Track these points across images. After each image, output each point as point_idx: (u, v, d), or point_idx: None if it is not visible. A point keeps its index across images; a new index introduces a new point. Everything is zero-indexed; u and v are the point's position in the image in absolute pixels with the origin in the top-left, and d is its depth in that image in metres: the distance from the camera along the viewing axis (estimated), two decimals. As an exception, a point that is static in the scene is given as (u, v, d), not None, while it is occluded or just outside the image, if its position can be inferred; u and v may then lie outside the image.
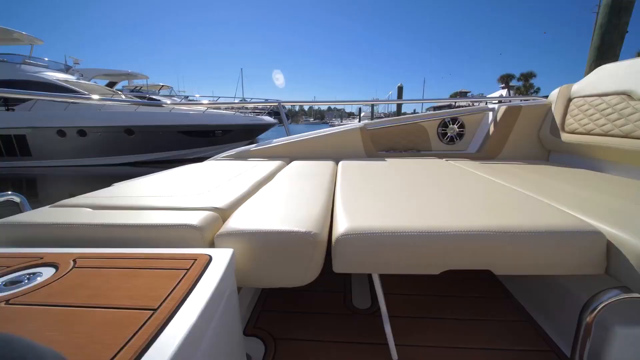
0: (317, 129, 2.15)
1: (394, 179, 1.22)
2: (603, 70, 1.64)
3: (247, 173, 1.40)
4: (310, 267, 0.72)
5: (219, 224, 0.84)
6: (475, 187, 1.07)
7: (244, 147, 2.06)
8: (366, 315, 1.06)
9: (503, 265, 0.71)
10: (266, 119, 10.86)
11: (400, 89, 25.71)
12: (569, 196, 0.98)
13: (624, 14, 3.77)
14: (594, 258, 0.70)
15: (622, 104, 1.41)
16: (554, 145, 1.83)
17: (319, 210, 0.84)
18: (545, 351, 0.88)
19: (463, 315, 1.04)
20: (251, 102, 7.45)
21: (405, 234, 0.71)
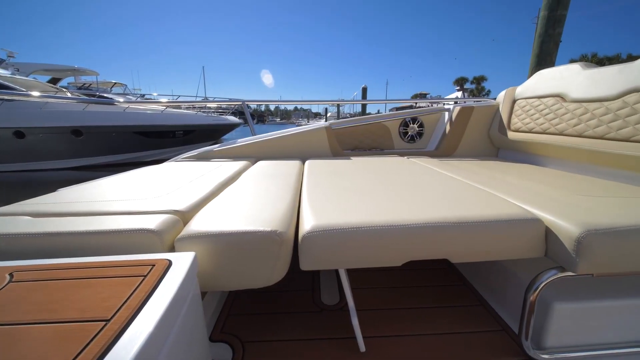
0: (284, 130, 2.14)
1: (359, 176, 1.25)
2: (541, 75, 1.82)
3: (210, 174, 1.35)
4: (277, 267, 0.72)
5: (180, 227, 0.80)
6: (434, 183, 1.13)
7: (207, 148, 1.99)
8: (335, 310, 1.08)
9: (459, 253, 0.76)
10: (230, 118, 10.53)
11: (364, 90, 26.40)
12: (514, 188, 1.07)
13: (557, 25, 4.22)
14: (535, 243, 0.78)
15: (557, 104, 1.58)
16: (501, 143, 2.00)
17: (285, 209, 0.84)
18: (498, 330, 0.96)
19: (425, 304, 1.10)
20: (214, 101, 7.14)
21: (368, 228, 0.73)
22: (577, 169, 1.49)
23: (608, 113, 1.29)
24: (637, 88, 1.21)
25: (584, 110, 1.41)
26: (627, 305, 0.85)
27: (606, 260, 0.71)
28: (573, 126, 1.44)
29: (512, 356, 0.85)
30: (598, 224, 0.71)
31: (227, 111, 10.88)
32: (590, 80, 1.45)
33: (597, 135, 1.31)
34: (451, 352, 0.88)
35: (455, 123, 2.09)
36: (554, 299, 0.84)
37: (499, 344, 0.90)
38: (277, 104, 3.68)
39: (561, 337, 0.86)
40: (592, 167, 1.41)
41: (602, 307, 0.84)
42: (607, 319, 0.85)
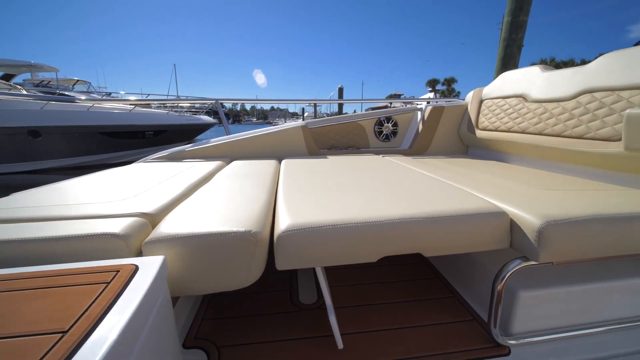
0: (260, 129, 2.11)
1: (335, 175, 1.26)
2: (505, 77, 1.92)
3: (182, 175, 1.31)
4: (253, 268, 0.70)
5: (148, 230, 0.77)
6: (407, 180, 1.16)
7: (179, 148, 1.92)
8: (313, 309, 1.07)
9: (431, 247, 0.79)
10: (204, 118, 10.22)
11: (340, 90, 26.64)
12: (481, 184, 1.13)
13: (520, 30, 4.49)
14: (501, 235, 0.82)
15: (520, 104, 1.67)
16: (470, 141, 2.09)
17: (260, 209, 0.83)
18: (469, 320, 1.00)
19: (400, 298, 1.13)
20: (186, 99, 6.85)
21: (344, 226, 0.73)
22: (539, 165, 1.58)
23: (564, 112, 1.38)
24: (589, 89, 1.31)
25: (543, 109, 1.50)
26: (584, 290, 0.91)
27: (564, 249, 0.76)
28: (534, 125, 1.53)
29: (482, 344, 0.89)
30: (556, 216, 0.75)
31: (200, 111, 10.55)
32: (548, 82, 1.55)
33: (555, 133, 1.41)
34: (425, 343, 0.90)
35: (427, 122, 2.16)
36: (519, 288, 0.89)
37: (470, 332, 0.94)
38: (252, 103, 3.57)
39: (526, 323, 0.91)
40: (552, 163, 1.51)
41: (562, 292, 0.90)
42: (566, 303, 0.92)
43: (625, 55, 1.24)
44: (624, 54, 1.25)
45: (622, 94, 1.17)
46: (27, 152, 7.10)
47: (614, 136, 1.15)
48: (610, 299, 0.94)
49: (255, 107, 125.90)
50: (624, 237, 0.78)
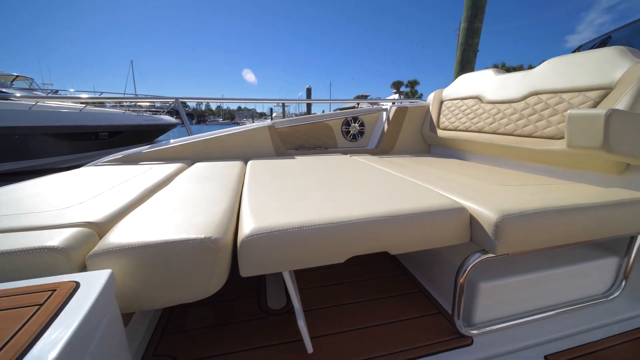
0: (225, 129, 2.03)
1: (302, 175, 1.24)
2: (463, 79, 2.03)
3: (137, 179, 1.21)
4: (214, 276, 0.66)
5: (94, 241, 0.69)
6: (374, 179, 1.17)
7: (134, 149, 1.78)
8: (282, 314, 1.05)
9: (397, 245, 0.80)
10: (166, 118, 9.67)
11: (308, 90, 26.69)
12: (443, 181, 1.17)
13: (475, 36, 4.80)
14: (462, 230, 0.85)
15: (476, 105, 1.77)
16: (432, 140, 2.18)
17: (222, 213, 0.78)
18: (434, 314, 1.03)
19: (369, 296, 1.13)
20: (145, 98, 6.39)
21: (311, 227, 0.71)
22: (494, 162, 1.69)
23: (515, 113, 1.48)
24: (536, 91, 1.41)
25: (497, 110, 1.60)
26: (537, 277, 0.98)
27: (518, 241, 0.81)
28: (489, 124, 1.62)
29: (447, 336, 0.92)
30: (511, 210, 0.80)
31: (161, 110, 9.98)
32: (501, 85, 1.65)
33: (507, 132, 1.50)
34: (393, 339, 0.92)
35: (392, 122, 2.21)
36: (479, 280, 0.93)
37: (436, 326, 0.97)
38: (217, 102, 3.37)
39: (487, 312, 0.95)
40: (505, 160, 1.61)
41: (518, 281, 0.96)
42: (522, 291, 0.98)
43: (565, 60, 1.36)
44: (563, 60, 1.37)
45: (563, 96, 1.28)
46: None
47: (557, 135, 1.26)
48: (559, 284, 1.02)
49: (222, 106, 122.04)
50: (569, 227, 0.85)
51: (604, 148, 0.94)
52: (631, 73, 1.07)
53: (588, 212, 0.86)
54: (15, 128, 6.46)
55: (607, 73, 1.16)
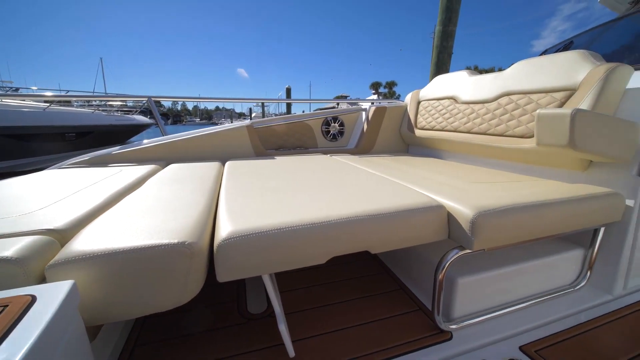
0: (202, 129, 1.96)
1: (282, 176, 1.22)
2: (438, 80, 2.08)
3: (105, 181, 1.14)
4: (190, 283, 0.63)
5: (56, 250, 0.64)
6: (354, 178, 1.17)
7: (103, 151, 1.68)
8: (263, 318, 1.02)
9: (377, 244, 0.80)
10: (138, 118, 9.27)
11: (288, 90, 26.57)
12: (421, 179, 1.19)
13: (450, 39, 4.95)
14: (440, 227, 0.87)
15: (451, 105, 1.82)
16: (410, 139, 2.22)
17: (198, 216, 0.75)
18: (415, 311, 1.05)
19: (351, 296, 1.13)
20: (115, 97, 6.07)
21: (291, 229, 0.70)
22: (469, 160, 1.74)
23: (488, 113, 1.54)
24: (507, 92, 1.47)
25: (471, 110, 1.65)
26: (511, 271, 1.02)
27: (493, 236, 0.83)
28: (464, 124, 1.67)
29: (428, 331, 0.94)
30: (486, 207, 0.82)
31: (133, 110, 9.55)
32: (474, 86, 1.71)
33: (481, 131, 1.56)
34: (376, 337, 0.92)
35: (371, 122, 2.23)
36: (457, 275, 0.95)
37: (416, 322, 0.98)
38: (192, 101, 3.16)
39: (465, 307, 0.98)
40: (480, 159, 1.67)
41: (494, 275, 0.99)
42: (497, 285, 1.01)
43: (533, 63, 1.43)
44: (531, 63, 1.44)
45: (532, 97, 1.34)
46: None
47: (527, 133, 1.31)
48: (531, 276, 1.06)
49: (198, 106, 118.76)
50: (539, 221, 0.89)
51: (569, 146, 0.99)
52: (592, 75, 1.14)
53: (556, 207, 0.90)
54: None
55: (571, 75, 1.22)
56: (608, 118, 1.02)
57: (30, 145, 6.79)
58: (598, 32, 2.31)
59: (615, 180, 1.11)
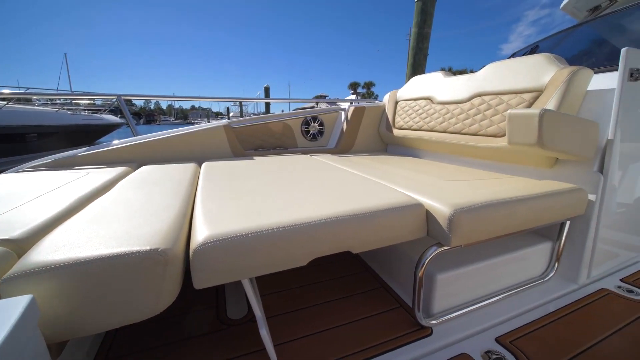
0: (176, 129, 1.89)
1: (261, 177, 1.19)
2: (415, 80, 2.13)
3: (70, 186, 1.07)
4: (164, 291, 0.60)
5: (12, 262, 0.59)
6: (334, 178, 1.17)
7: (68, 152, 1.58)
8: (244, 323, 0.99)
9: (359, 244, 0.80)
10: (108, 117, 8.80)
11: (267, 89, 26.29)
12: (400, 178, 1.21)
13: (425, 40, 5.09)
14: (419, 225, 0.88)
15: (428, 106, 1.86)
16: (388, 139, 2.25)
17: (172, 221, 0.71)
18: (396, 308, 1.06)
19: (333, 296, 1.13)
20: (82, 95, 5.70)
21: (270, 231, 0.68)
22: (445, 159, 1.80)
23: (462, 113, 1.59)
24: (479, 93, 1.53)
25: (446, 110, 1.70)
26: (486, 265, 1.05)
27: (470, 233, 0.86)
28: (440, 124, 1.72)
29: (409, 328, 0.95)
30: (462, 204, 0.84)
31: (102, 109, 9.06)
32: (449, 86, 1.76)
33: (456, 131, 1.61)
34: (359, 337, 0.92)
35: (350, 122, 2.25)
36: (436, 272, 0.97)
37: (398, 319, 1.00)
38: (166, 100, 2.97)
39: (444, 302, 1.00)
40: (455, 157, 1.72)
41: (470, 270, 1.02)
42: (474, 279, 1.04)
43: (503, 65, 1.49)
44: (501, 65, 1.50)
45: (503, 97, 1.40)
46: None
47: (499, 133, 1.37)
48: (504, 270, 1.11)
49: (173, 105, 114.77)
50: (512, 217, 0.92)
51: (538, 144, 1.04)
52: (557, 78, 1.21)
53: (527, 203, 0.94)
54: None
55: (538, 77, 1.29)
56: (572, 118, 1.08)
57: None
58: (560, 37, 2.45)
59: (579, 176, 1.19)
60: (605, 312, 1.03)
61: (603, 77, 1.27)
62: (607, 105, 1.15)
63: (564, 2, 2.99)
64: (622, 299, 1.11)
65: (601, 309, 1.05)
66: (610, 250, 1.27)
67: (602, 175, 1.14)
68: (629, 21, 2.00)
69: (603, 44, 2.09)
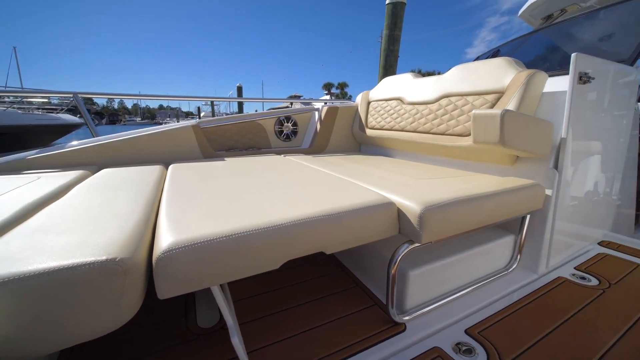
0: (141, 129, 1.78)
1: (232, 178, 1.16)
2: (386, 81, 2.17)
3: (17, 192, 0.97)
4: (124, 304, 0.55)
5: None
6: (307, 179, 1.16)
7: (16, 155, 1.44)
8: (216, 331, 0.96)
9: (332, 244, 0.79)
10: (65, 117, 8.18)
11: (239, 88, 25.74)
12: (372, 178, 1.22)
13: (395, 43, 5.23)
14: (392, 223, 0.89)
15: (399, 106, 1.91)
16: (361, 139, 2.28)
17: (133, 228, 0.67)
18: (371, 306, 1.07)
19: (308, 298, 1.12)
20: (32, 92, 5.24)
21: (241, 234, 0.66)
22: (416, 158, 1.85)
23: (431, 113, 1.64)
24: (446, 94, 1.59)
25: (416, 110, 1.75)
26: (456, 260, 1.09)
27: (439, 229, 0.88)
28: (410, 124, 1.77)
29: (383, 325, 0.96)
30: (432, 202, 0.87)
31: (58, 108, 8.39)
32: (418, 87, 1.81)
33: (425, 130, 1.66)
34: (333, 338, 0.92)
35: (324, 122, 2.25)
36: (408, 268, 0.99)
37: (372, 317, 1.01)
38: (130, 98, 2.68)
39: (417, 298, 1.03)
40: (425, 156, 1.78)
41: (440, 265, 1.06)
42: (444, 273, 1.08)
43: (468, 67, 1.56)
44: (467, 67, 1.57)
45: (468, 98, 1.46)
46: None
47: (465, 132, 1.43)
48: (472, 263, 1.15)
49: (139, 104, 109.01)
50: (478, 213, 0.96)
51: (500, 142, 1.10)
52: (516, 80, 1.28)
53: (492, 199, 0.99)
54: None
55: (499, 79, 1.36)
56: (530, 118, 1.15)
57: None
58: (519, 43, 2.61)
59: (537, 172, 1.27)
60: (562, 299, 1.11)
61: (556, 80, 1.36)
62: (560, 106, 1.24)
63: (521, 10, 3.20)
64: (576, 285, 1.20)
65: (558, 296, 1.13)
66: (565, 241, 1.37)
67: (557, 172, 1.22)
68: (577, 29, 2.18)
69: (555, 49, 2.25)
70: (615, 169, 1.59)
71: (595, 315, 1.03)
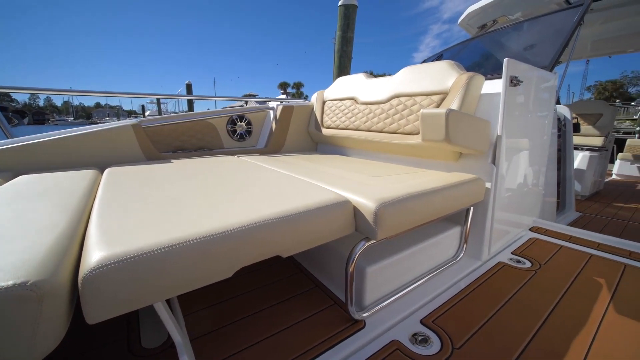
0: (70, 129, 1.56)
1: (179, 182, 1.07)
2: (340, 81, 2.20)
3: None
4: (40, 335, 0.47)
5: None
6: (262, 179, 1.11)
7: None
8: (163, 352, 0.87)
9: (289, 247, 0.76)
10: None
11: (189, 86, 24.34)
12: (329, 177, 1.22)
13: (349, 44, 5.35)
14: (348, 221, 0.89)
15: (352, 106, 1.94)
16: (318, 138, 2.28)
17: (53, 244, 0.57)
18: (331, 305, 1.06)
19: (267, 303, 1.08)
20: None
21: (185, 244, 0.60)
22: (370, 156, 1.90)
23: (383, 113, 1.70)
24: (397, 94, 1.65)
25: (369, 110, 1.80)
26: (409, 253, 1.14)
27: (394, 225, 0.90)
28: (364, 123, 1.81)
29: (343, 324, 0.96)
30: (385, 198, 0.89)
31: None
32: (371, 87, 1.86)
33: (378, 129, 1.71)
34: (294, 342, 0.89)
35: (280, 121, 2.20)
36: (366, 265, 1.01)
37: (332, 317, 1.00)
38: (59, 94, 2.23)
39: (375, 293, 1.04)
40: (379, 154, 1.83)
41: (396, 259, 1.09)
42: (399, 267, 1.11)
43: (416, 69, 1.64)
44: (414, 69, 1.65)
45: (416, 99, 1.54)
46: None
47: (414, 131, 1.50)
48: (424, 255, 1.21)
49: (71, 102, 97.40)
50: (429, 207, 1.01)
51: (445, 140, 1.16)
52: (458, 82, 1.38)
53: (440, 193, 1.05)
54: None
55: (443, 81, 1.45)
56: (471, 117, 1.24)
57: None
58: (459, 49, 2.83)
59: (478, 167, 1.37)
60: (502, 282, 1.22)
61: (490, 83, 1.50)
62: (495, 106, 1.36)
63: (460, 19, 3.48)
64: (513, 269, 1.33)
65: (499, 280, 1.24)
66: (503, 229, 1.51)
67: (494, 166, 1.34)
68: (507, 39, 2.42)
69: (490, 56, 2.49)
70: (541, 163, 1.80)
71: (530, 293, 1.14)
